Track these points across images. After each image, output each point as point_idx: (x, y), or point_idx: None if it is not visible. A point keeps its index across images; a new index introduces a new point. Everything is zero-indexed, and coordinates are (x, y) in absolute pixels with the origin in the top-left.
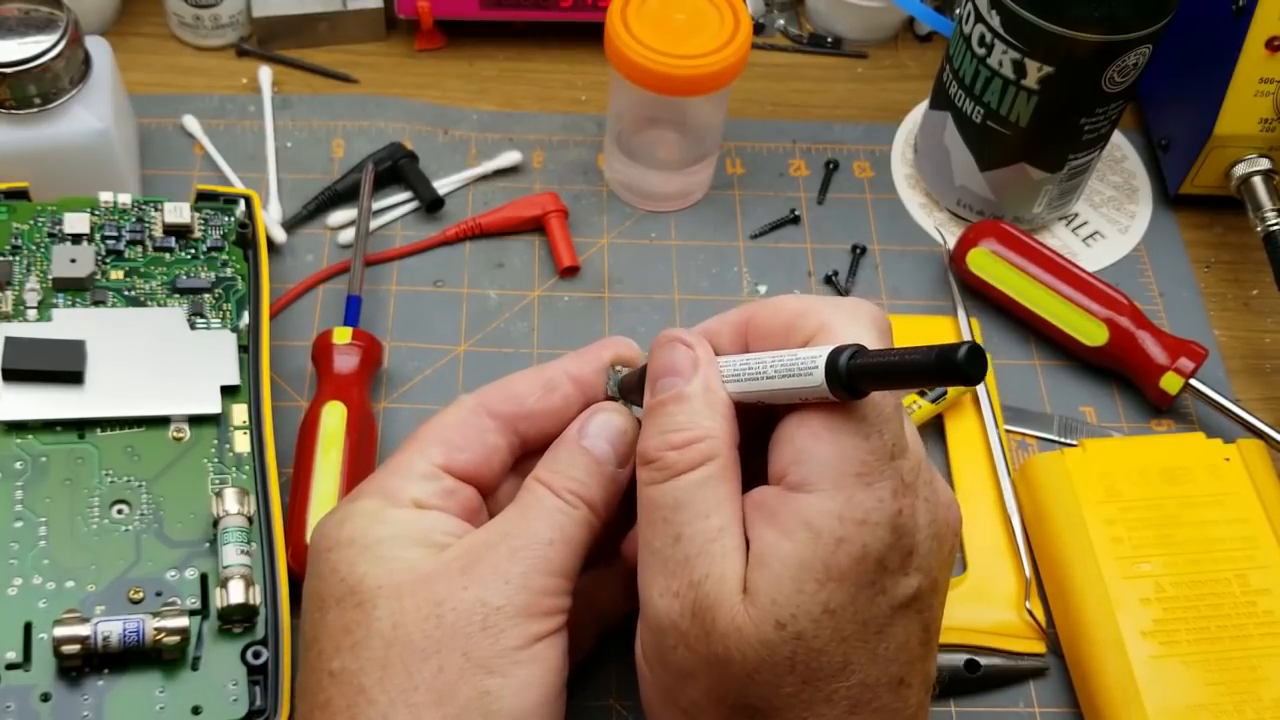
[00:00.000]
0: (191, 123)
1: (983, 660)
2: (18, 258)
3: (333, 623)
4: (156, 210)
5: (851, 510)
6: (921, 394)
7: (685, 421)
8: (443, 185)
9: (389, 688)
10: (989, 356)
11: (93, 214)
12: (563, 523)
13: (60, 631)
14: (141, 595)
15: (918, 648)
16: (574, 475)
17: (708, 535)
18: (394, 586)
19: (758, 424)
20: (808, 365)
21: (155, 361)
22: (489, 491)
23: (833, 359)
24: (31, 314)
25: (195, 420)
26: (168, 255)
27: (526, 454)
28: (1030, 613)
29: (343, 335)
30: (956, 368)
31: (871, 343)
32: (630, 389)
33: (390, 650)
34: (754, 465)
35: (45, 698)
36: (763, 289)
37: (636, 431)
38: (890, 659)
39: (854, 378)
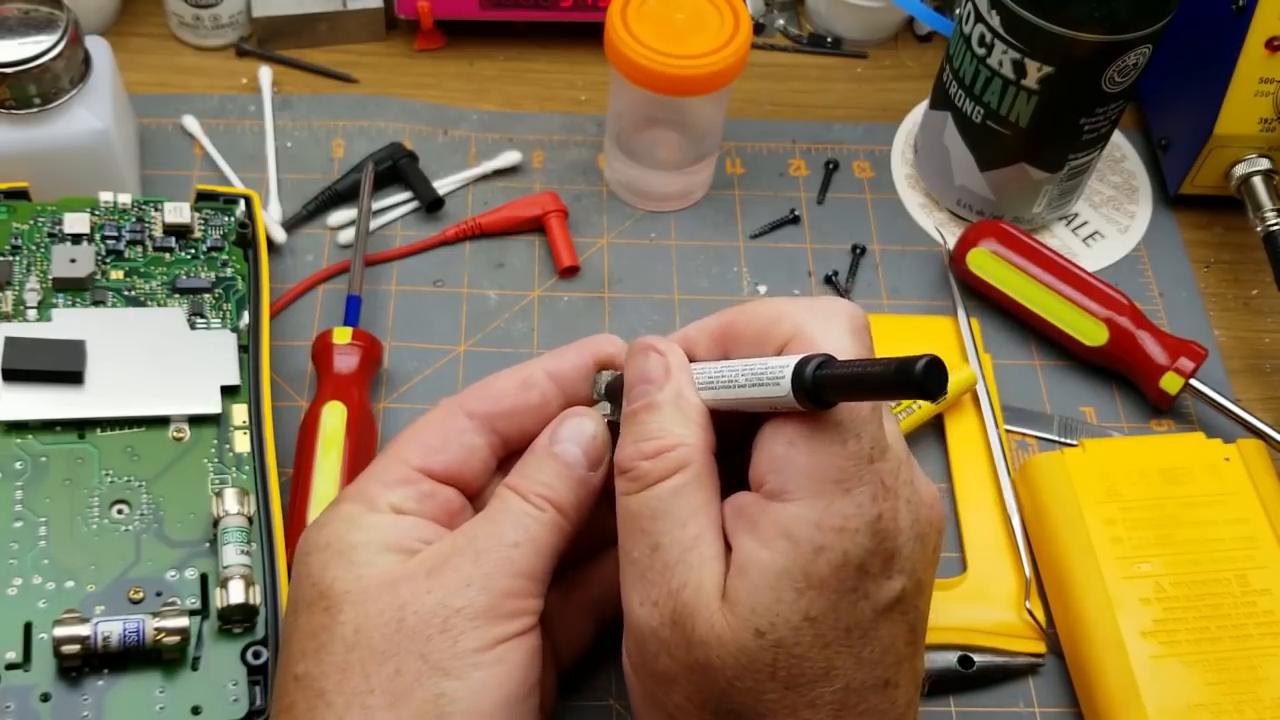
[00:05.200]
0: (191, 123)
1: (978, 657)
2: (18, 258)
3: (302, 626)
4: (156, 210)
5: (830, 518)
6: None
7: (657, 430)
8: (443, 185)
9: (346, 690)
10: (989, 357)
11: (93, 214)
12: (529, 525)
13: (60, 631)
14: (141, 595)
15: (904, 648)
16: (542, 480)
17: (684, 544)
18: (361, 591)
19: (742, 428)
20: (775, 375)
21: (155, 361)
22: (472, 492)
23: (799, 370)
24: (31, 314)
25: (195, 420)
26: (168, 255)
27: (511, 454)
28: (1030, 612)
29: (343, 335)
30: (914, 381)
31: (845, 345)
32: (615, 396)
33: (351, 654)
34: (739, 469)
35: (45, 698)
36: (763, 289)
37: (608, 435)
38: (875, 662)
39: (819, 389)
